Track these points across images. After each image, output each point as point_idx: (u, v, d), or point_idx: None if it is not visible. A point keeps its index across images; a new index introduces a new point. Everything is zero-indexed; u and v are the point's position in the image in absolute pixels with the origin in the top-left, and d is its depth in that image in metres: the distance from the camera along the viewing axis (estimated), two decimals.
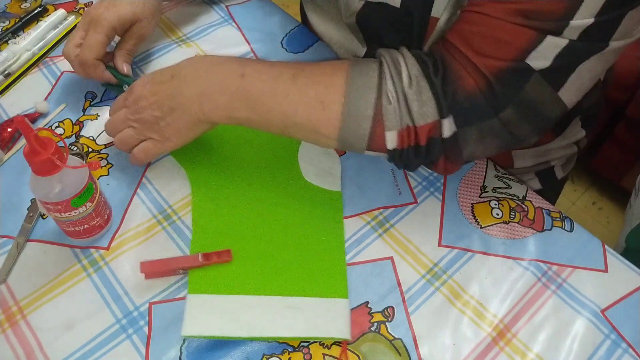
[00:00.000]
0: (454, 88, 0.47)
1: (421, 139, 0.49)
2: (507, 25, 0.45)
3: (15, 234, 0.55)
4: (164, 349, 0.48)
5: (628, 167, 1.44)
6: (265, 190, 0.58)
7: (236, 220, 0.56)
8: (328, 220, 0.57)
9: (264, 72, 0.52)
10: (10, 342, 0.48)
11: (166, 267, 0.51)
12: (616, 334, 0.51)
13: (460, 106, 0.47)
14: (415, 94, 0.48)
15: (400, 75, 0.48)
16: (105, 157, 0.62)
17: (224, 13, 0.79)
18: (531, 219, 0.59)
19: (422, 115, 0.48)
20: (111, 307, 0.51)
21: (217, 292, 0.50)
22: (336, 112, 0.49)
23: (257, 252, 0.54)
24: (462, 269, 0.55)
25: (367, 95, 0.49)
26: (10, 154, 0.62)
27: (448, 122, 0.48)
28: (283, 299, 0.50)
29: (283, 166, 0.61)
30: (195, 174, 0.59)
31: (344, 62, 0.52)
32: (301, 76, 0.51)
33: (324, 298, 0.51)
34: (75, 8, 0.79)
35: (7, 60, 0.69)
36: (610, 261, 0.56)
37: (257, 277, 0.52)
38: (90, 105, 0.67)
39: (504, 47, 0.46)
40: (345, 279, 0.53)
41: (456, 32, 0.48)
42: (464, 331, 0.51)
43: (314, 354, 0.48)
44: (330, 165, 0.61)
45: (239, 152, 0.61)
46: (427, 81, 0.48)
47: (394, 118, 0.48)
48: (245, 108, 0.52)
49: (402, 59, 0.49)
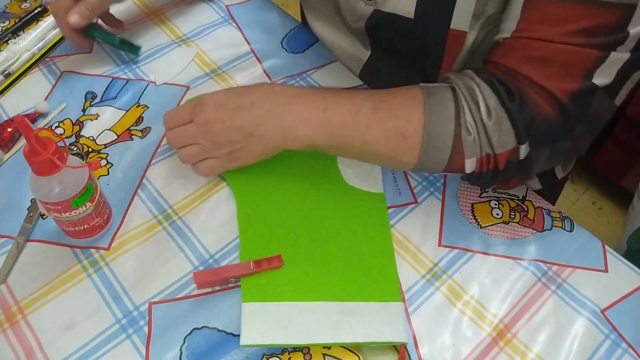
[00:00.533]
0: (531, 115, 0.49)
1: (500, 164, 0.51)
2: (570, 48, 0.46)
3: (15, 234, 0.55)
4: (164, 349, 0.48)
5: (628, 167, 1.43)
6: (308, 195, 0.58)
7: (282, 227, 0.56)
8: (374, 222, 0.57)
9: (345, 105, 0.54)
10: (10, 342, 0.48)
11: (218, 277, 0.51)
12: (616, 334, 0.51)
13: (537, 131, 0.49)
14: (495, 125, 0.49)
15: (478, 107, 0.50)
16: (105, 157, 0.62)
17: (224, 13, 0.79)
18: (531, 219, 0.59)
19: (502, 143, 0.49)
20: (111, 307, 0.51)
21: (271, 300, 0.50)
22: (416, 144, 0.51)
23: (307, 258, 0.53)
24: (462, 269, 0.55)
25: (446, 128, 0.50)
26: (10, 154, 0.62)
27: (524, 146, 0.49)
28: (338, 304, 0.50)
29: (323, 170, 0.60)
30: (237, 183, 0.59)
31: (418, 92, 0.53)
32: (380, 109, 0.53)
33: (379, 302, 0.51)
34: None
35: (7, 60, 0.69)
36: (610, 261, 0.56)
37: (309, 283, 0.51)
38: (90, 105, 0.67)
39: (572, 70, 0.47)
40: (397, 282, 0.53)
41: (517, 59, 0.50)
42: (464, 331, 0.51)
43: (314, 353, 0.48)
44: (370, 167, 0.61)
45: (278, 158, 0.60)
46: (505, 111, 0.49)
47: (474, 147, 0.50)
48: (326, 139, 0.54)
49: (478, 89, 0.50)
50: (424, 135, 0.51)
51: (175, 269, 0.53)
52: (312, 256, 0.54)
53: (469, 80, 0.51)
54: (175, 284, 0.52)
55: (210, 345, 0.49)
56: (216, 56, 0.72)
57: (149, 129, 0.64)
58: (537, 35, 0.48)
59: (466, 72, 0.53)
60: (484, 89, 0.50)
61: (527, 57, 0.49)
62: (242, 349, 0.48)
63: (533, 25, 0.48)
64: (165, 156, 0.62)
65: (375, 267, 0.53)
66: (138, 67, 0.71)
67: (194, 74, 0.70)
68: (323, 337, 0.48)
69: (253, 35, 0.76)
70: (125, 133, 0.64)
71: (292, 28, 0.77)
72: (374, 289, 0.52)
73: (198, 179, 0.60)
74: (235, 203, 0.58)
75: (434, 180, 0.62)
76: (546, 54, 0.48)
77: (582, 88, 0.48)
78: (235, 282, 0.52)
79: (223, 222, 0.57)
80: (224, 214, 0.57)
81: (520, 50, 0.49)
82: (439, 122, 0.50)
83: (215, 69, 0.71)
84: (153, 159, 0.62)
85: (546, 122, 0.49)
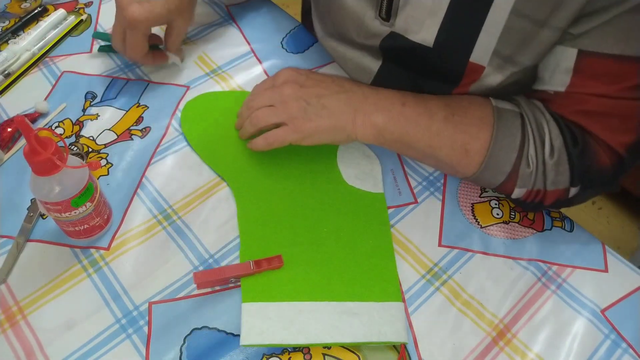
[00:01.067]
0: (589, 163, 0.51)
1: (546, 200, 0.54)
2: (626, 103, 0.48)
3: (15, 234, 0.55)
4: (164, 349, 0.48)
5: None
6: (308, 195, 0.58)
7: (282, 227, 0.56)
8: (374, 222, 0.57)
9: (422, 106, 0.56)
10: (10, 342, 0.48)
11: (219, 277, 0.51)
12: (616, 334, 0.51)
13: (588, 177, 0.52)
14: (554, 165, 0.51)
15: (543, 144, 0.52)
16: (105, 157, 0.62)
17: (224, 13, 0.79)
18: (531, 219, 0.59)
19: (555, 183, 0.52)
20: (111, 306, 0.51)
21: (271, 300, 0.50)
22: (477, 161, 0.54)
23: (307, 258, 0.53)
24: (462, 269, 0.55)
25: (509, 155, 0.52)
26: (10, 154, 0.62)
27: (575, 189, 0.52)
28: (338, 304, 0.50)
29: (323, 171, 0.60)
30: (237, 184, 0.59)
31: (489, 112, 0.54)
32: (452, 121, 0.55)
33: (379, 302, 0.51)
34: (75, 8, 0.79)
35: (7, 60, 0.69)
36: (610, 261, 0.56)
37: (309, 283, 0.52)
38: (90, 105, 0.67)
39: (629, 123, 0.50)
40: (397, 282, 0.53)
41: (574, 112, 0.52)
42: (464, 331, 0.51)
43: (314, 353, 0.48)
44: (371, 168, 0.61)
45: (278, 159, 0.61)
46: (567, 154, 0.51)
47: (528, 180, 0.52)
48: (398, 131, 0.55)
49: (546, 126, 0.52)
50: (486, 156, 0.53)
51: (175, 268, 0.53)
52: (312, 256, 0.54)
53: (539, 114, 0.53)
54: (175, 283, 0.52)
55: (210, 345, 0.49)
56: (216, 56, 0.72)
57: (149, 129, 0.64)
58: (593, 91, 0.49)
59: (537, 104, 0.54)
60: (552, 127, 0.52)
61: (584, 111, 0.51)
62: (242, 349, 0.48)
63: (588, 82, 0.50)
64: (165, 156, 0.62)
65: (376, 267, 0.53)
66: (138, 67, 0.71)
67: (194, 74, 0.70)
68: (323, 337, 0.48)
69: (253, 35, 0.76)
70: (125, 133, 0.64)
71: (292, 28, 0.77)
72: (374, 289, 0.52)
73: (198, 179, 0.60)
74: (235, 203, 0.58)
75: (434, 180, 0.62)
76: (603, 108, 0.50)
77: (638, 139, 0.50)
78: (235, 282, 0.52)
79: (223, 222, 0.57)
80: (224, 214, 0.57)
81: (576, 104, 0.51)
82: (503, 148, 0.53)
83: (215, 68, 0.71)
84: (153, 159, 0.62)
85: (601, 170, 0.51)
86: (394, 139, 0.56)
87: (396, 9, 0.55)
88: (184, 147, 0.63)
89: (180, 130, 0.64)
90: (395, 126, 0.55)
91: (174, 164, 0.61)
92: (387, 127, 0.55)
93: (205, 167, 0.61)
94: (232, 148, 0.62)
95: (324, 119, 0.56)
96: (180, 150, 0.63)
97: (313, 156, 0.62)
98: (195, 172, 0.60)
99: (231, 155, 0.61)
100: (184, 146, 0.63)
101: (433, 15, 0.53)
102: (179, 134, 0.64)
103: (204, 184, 0.60)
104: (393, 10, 0.56)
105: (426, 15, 0.53)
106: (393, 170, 0.62)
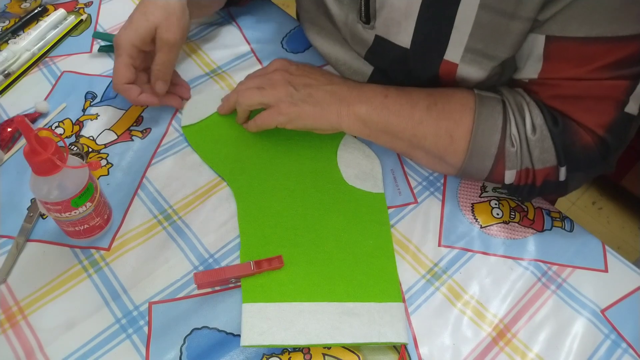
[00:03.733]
0: (571, 141, 0.52)
1: (537, 181, 0.54)
2: (599, 83, 0.49)
3: (15, 234, 0.55)
4: (164, 349, 0.48)
5: (628, 167, 1.44)
6: (308, 195, 0.58)
7: (283, 228, 0.55)
8: (374, 222, 0.57)
9: (404, 97, 0.57)
10: (10, 342, 0.48)
11: (219, 277, 0.50)
12: (616, 334, 0.51)
13: (574, 156, 0.52)
14: (537, 142, 0.52)
15: (524, 122, 0.52)
16: (105, 157, 0.62)
17: (224, 13, 0.79)
18: (531, 219, 0.59)
19: (542, 160, 0.52)
20: (110, 306, 0.51)
21: (272, 300, 0.50)
22: (463, 147, 0.54)
23: (307, 258, 0.53)
24: (462, 269, 0.55)
25: (492, 137, 0.53)
26: (10, 154, 0.62)
27: (564, 169, 0.52)
28: (339, 305, 0.50)
29: (323, 171, 0.60)
30: (237, 184, 0.59)
31: (471, 98, 0.55)
32: (434, 109, 0.55)
33: (379, 303, 0.51)
34: (75, 8, 0.79)
35: (7, 60, 0.69)
36: (610, 261, 0.56)
37: (309, 284, 0.51)
38: (90, 105, 0.67)
39: (605, 103, 0.50)
40: (397, 282, 0.53)
41: (549, 97, 0.53)
42: (464, 331, 0.51)
43: (314, 353, 0.48)
44: (371, 167, 0.61)
45: (278, 159, 0.61)
46: (549, 131, 0.52)
47: (515, 159, 0.53)
48: (381, 121, 0.56)
49: (527, 106, 0.53)
50: (470, 140, 0.54)
51: (175, 268, 0.53)
52: (313, 257, 0.53)
53: (520, 98, 0.54)
54: (175, 283, 0.52)
55: (210, 345, 0.49)
56: (216, 56, 0.72)
57: (149, 129, 0.64)
58: (564, 75, 0.50)
59: (518, 90, 0.55)
60: (533, 107, 0.53)
61: (559, 96, 0.52)
62: (242, 349, 0.48)
63: (558, 66, 0.50)
64: (165, 156, 0.62)
65: (376, 268, 0.53)
66: None
67: (193, 74, 0.70)
68: (323, 338, 0.48)
69: (253, 35, 0.76)
70: (126, 133, 0.64)
71: (292, 28, 0.77)
72: (374, 289, 0.52)
73: (198, 179, 0.60)
74: (235, 203, 0.58)
75: (434, 180, 0.62)
76: (577, 91, 0.50)
77: (616, 119, 0.50)
78: (235, 282, 0.52)
79: (223, 222, 0.57)
80: (224, 214, 0.57)
81: (550, 89, 0.52)
82: (486, 130, 0.53)
83: (215, 68, 0.71)
84: (153, 159, 0.62)
85: (585, 149, 0.51)
86: (379, 130, 0.57)
87: (374, 11, 0.57)
88: (184, 148, 0.63)
89: (180, 131, 0.64)
90: (379, 116, 0.56)
91: (174, 164, 0.61)
92: (371, 118, 0.56)
93: (206, 167, 0.61)
94: (233, 148, 0.62)
95: (309, 105, 0.57)
96: (181, 150, 0.63)
97: (313, 156, 0.61)
98: (195, 172, 0.60)
99: (231, 156, 0.61)
100: (185, 146, 0.63)
101: (407, 16, 0.54)
102: (179, 135, 0.64)
103: (204, 184, 0.60)
104: (372, 13, 0.57)
105: (402, 16, 0.55)
106: (393, 170, 0.62)
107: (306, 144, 0.62)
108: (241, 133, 0.63)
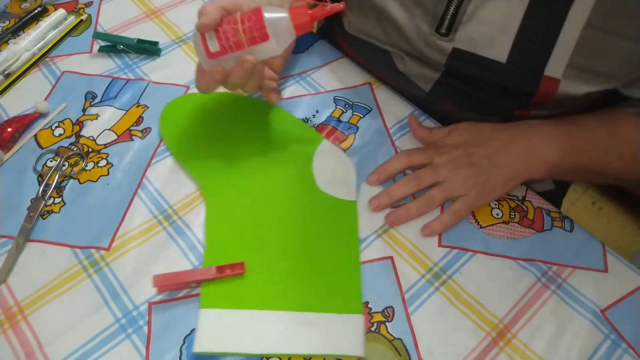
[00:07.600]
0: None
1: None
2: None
3: (15, 234, 0.55)
4: (165, 349, 0.48)
5: None
6: (279, 201, 0.57)
7: (249, 233, 0.54)
8: (342, 231, 0.55)
9: (585, 130, 0.56)
10: (10, 342, 0.48)
11: (178, 281, 0.50)
12: (616, 334, 0.51)
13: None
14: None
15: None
16: (105, 157, 0.62)
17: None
18: (531, 219, 0.59)
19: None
20: (110, 306, 0.51)
21: (231, 307, 0.49)
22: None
23: (270, 266, 0.52)
24: (462, 269, 0.55)
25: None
26: (10, 154, 0.62)
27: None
28: (297, 314, 0.49)
29: (297, 175, 0.59)
30: (208, 186, 0.58)
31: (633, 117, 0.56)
32: (614, 135, 0.56)
33: (339, 314, 0.49)
34: (75, 8, 0.79)
35: (7, 60, 0.69)
36: (610, 261, 0.56)
37: (270, 292, 0.50)
38: (90, 105, 0.67)
39: None
40: (359, 294, 0.51)
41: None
42: (464, 331, 0.51)
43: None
44: (345, 175, 0.60)
45: (253, 162, 0.59)
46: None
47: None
48: (573, 162, 0.56)
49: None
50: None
51: (176, 268, 0.53)
52: (276, 264, 0.52)
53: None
54: None
55: None
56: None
57: (149, 129, 0.64)
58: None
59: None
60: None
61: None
62: None
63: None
64: (165, 156, 0.62)
65: (339, 278, 0.52)
66: (138, 67, 0.71)
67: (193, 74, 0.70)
68: (278, 348, 0.47)
69: None
70: (126, 133, 0.64)
71: None
72: (336, 299, 0.50)
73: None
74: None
75: None
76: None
77: None
78: (196, 287, 0.51)
79: None
80: None
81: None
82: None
83: None
84: (153, 159, 0.62)
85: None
86: (567, 170, 0.57)
87: (457, 24, 0.55)
88: None
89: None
90: (571, 159, 0.56)
91: (174, 164, 0.61)
92: (561, 161, 0.56)
93: None
94: (208, 149, 0.61)
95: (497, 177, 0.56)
96: None
97: (288, 160, 0.60)
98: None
99: (205, 156, 0.59)
100: None
101: (503, 30, 0.52)
102: None
103: None
104: (454, 26, 0.55)
105: (495, 30, 0.53)
106: None
107: (283, 147, 0.61)
108: (218, 131, 0.62)
